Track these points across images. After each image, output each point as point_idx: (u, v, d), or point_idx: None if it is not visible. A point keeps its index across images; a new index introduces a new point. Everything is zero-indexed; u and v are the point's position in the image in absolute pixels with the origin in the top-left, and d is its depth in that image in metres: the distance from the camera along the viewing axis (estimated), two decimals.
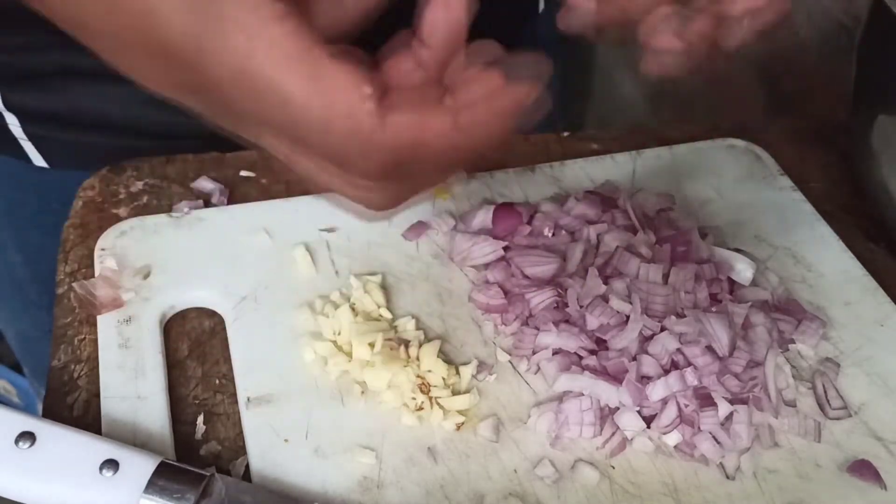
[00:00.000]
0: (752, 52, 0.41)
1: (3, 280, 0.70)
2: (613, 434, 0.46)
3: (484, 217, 0.56)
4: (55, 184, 0.62)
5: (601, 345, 0.49)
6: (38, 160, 0.62)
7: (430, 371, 0.48)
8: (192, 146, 0.60)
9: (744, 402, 0.47)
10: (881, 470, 0.46)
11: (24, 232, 0.58)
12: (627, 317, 0.49)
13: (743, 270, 0.53)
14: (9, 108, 0.60)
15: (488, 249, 0.54)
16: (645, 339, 0.48)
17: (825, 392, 0.49)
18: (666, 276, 0.51)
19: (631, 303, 0.49)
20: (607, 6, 0.40)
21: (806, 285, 0.55)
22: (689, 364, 0.47)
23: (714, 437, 0.46)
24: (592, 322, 0.49)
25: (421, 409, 0.46)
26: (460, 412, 0.47)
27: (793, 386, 0.49)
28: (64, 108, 0.60)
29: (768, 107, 0.87)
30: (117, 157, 0.60)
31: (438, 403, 0.47)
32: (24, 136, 0.61)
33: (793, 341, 0.51)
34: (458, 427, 0.46)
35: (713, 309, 0.50)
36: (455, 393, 0.47)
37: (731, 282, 0.53)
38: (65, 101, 0.60)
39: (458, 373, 0.48)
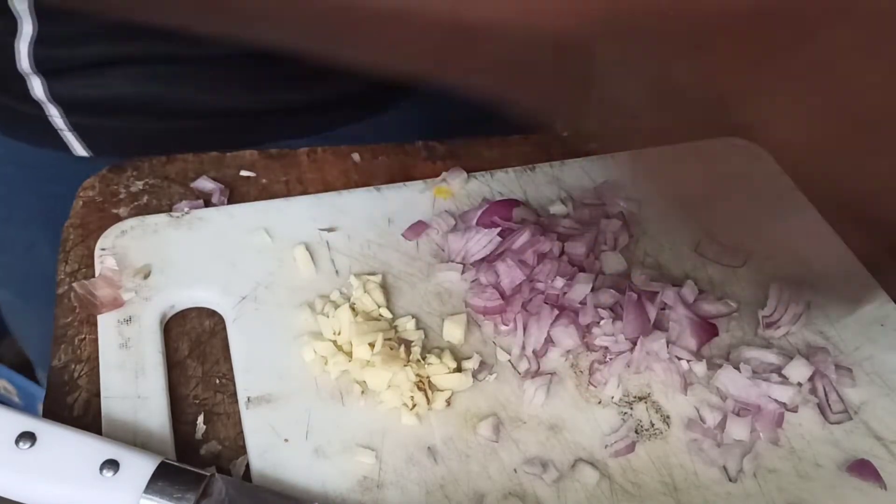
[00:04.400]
0: None
1: (35, 277, 0.70)
2: (622, 438, 0.46)
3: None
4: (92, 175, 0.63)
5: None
6: (79, 150, 0.63)
7: (432, 364, 0.48)
8: (228, 125, 0.62)
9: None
10: (881, 470, 0.46)
11: (57, 227, 0.59)
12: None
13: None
14: (53, 99, 0.60)
15: (485, 240, 0.54)
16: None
17: (826, 396, 0.49)
18: None
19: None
20: None
21: (806, 285, 0.55)
22: None
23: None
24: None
25: (416, 404, 0.46)
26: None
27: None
28: (105, 96, 0.61)
29: None
30: (158, 140, 0.62)
31: (431, 383, 0.47)
32: (65, 127, 0.62)
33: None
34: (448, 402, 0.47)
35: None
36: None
37: None
38: (106, 89, 0.61)
39: (460, 368, 0.49)
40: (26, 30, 0.57)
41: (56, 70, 0.60)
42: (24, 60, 0.59)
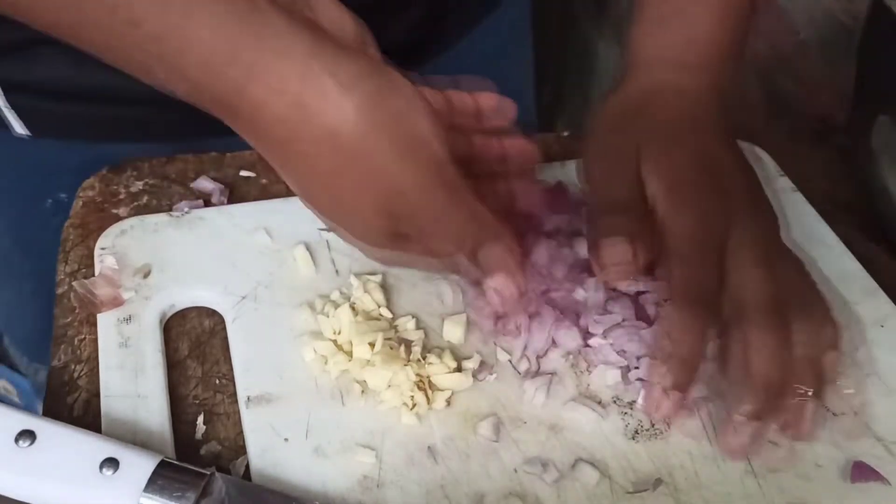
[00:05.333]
0: (752, 52, 0.41)
1: None
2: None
3: None
4: (36, 154, 0.63)
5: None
6: (18, 129, 0.63)
7: (432, 363, 0.48)
8: (173, 116, 0.62)
9: None
10: (881, 470, 0.46)
11: (2, 201, 0.59)
12: None
13: None
14: None
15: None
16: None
17: None
18: None
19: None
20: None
21: None
22: None
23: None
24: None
25: (416, 404, 0.46)
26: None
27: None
28: (46, 78, 0.61)
29: (768, 107, 0.87)
30: (98, 125, 0.61)
31: (431, 382, 0.47)
32: (6, 105, 0.61)
33: None
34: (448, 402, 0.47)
35: None
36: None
37: None
38: (47, 71, 0.60)
39: (460, 368, 0.49)
40: None
41: None
42: None
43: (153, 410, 0.46)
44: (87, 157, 0.61)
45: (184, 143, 0.63)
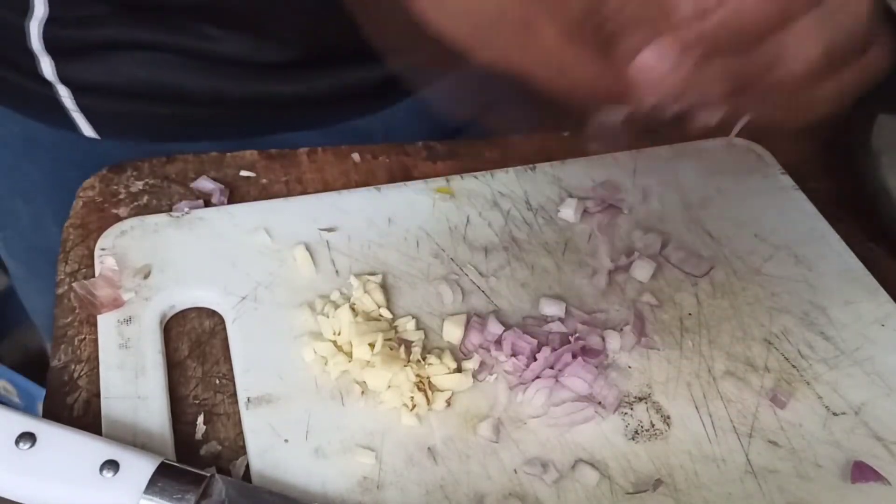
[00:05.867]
0: None
1: (40, 251, 0.71)
2: None
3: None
4: (100, 155, 0.63)
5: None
6: (86, 131, 0.63)
7: (431, 364, 0.48)
8: (233, 114, 0.63)
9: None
10: (881, 470, 0.46)
11: (65, 204, 0.59)
12: None
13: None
14: (62, 81, 0.61)
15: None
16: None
17: None
18: None
19: None
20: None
21: (807, 285, 0.55)
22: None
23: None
24: None
25: (416, 405, 0.46)
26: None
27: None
28: (115, 80, 0.61)
29: None
30: (166, 126, 0.62)
31: (431, 383, 0.47)
32: (73, 108, 0.62)
33: None
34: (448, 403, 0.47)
35: None
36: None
37: None
38: (116, 73, 0.61)
39: (460, 369, 0.49)
40: (38, 11, 0.58)
41: (65, 51, 0.60)
42: (34, 40, 0.59)
43: (153, 411, 0.46)
44: (148, 156, 0.62)
45: (246, 141, 0.64)
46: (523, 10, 0.36)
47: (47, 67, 0.60)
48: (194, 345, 0.50)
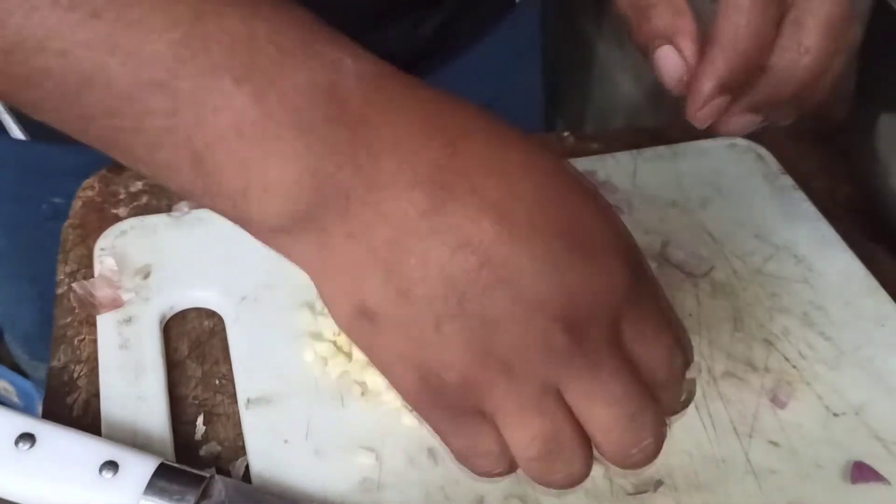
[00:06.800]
0: None
1: None
2: None
3: None
4: (33, 157, 0.63)
5: None
6: (16, 133, 0.63)
7: None
8: None
9: None
10: (881, 470, 0.46)
11: (1, 204, 0.59)
12: None
13: None
14: None
15: None
16: None
17: None
18: None
19: None
20: None
21: (807, 285, 0.55)
22: None
23: None
24: None
25: None
26: None
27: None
28: None
29: None
30: None
31: None
32: (5, 109, 0.61)
33: None
34: None
35: None
36: None
37: None
38: None
39: None
40: None
41: None
42: None
43: (153, 412, 0.46)
44: (81, 162, 0.61)
45: None
46: None
47: None
48: (194, 345, 0.50)
